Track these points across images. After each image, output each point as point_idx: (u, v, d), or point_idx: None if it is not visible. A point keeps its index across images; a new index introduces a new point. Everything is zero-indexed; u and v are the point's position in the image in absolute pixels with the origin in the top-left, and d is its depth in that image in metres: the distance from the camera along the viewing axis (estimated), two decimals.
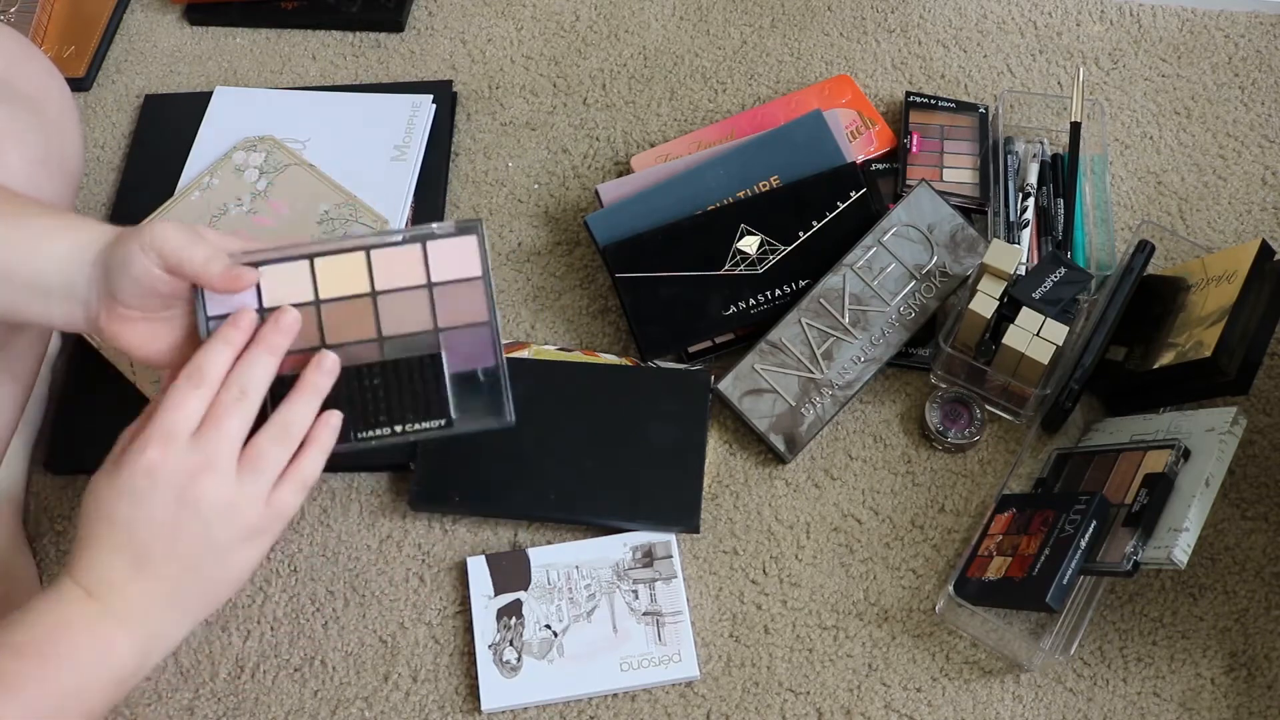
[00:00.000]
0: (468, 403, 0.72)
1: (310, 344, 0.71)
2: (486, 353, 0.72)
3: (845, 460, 0.91)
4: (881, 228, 0.93)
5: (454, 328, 0.72)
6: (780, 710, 0.82)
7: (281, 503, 0.67)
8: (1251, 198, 1.02)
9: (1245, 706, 0.81)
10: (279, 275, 0.70)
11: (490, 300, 0.72)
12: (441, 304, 0.72)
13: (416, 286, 0.72)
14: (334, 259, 0.71)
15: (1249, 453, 0.90)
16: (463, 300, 0.72)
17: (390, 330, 0.71)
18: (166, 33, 1.18)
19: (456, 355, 0.72)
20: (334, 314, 0.71)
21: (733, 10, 1.15)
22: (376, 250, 0.72)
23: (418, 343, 0.72)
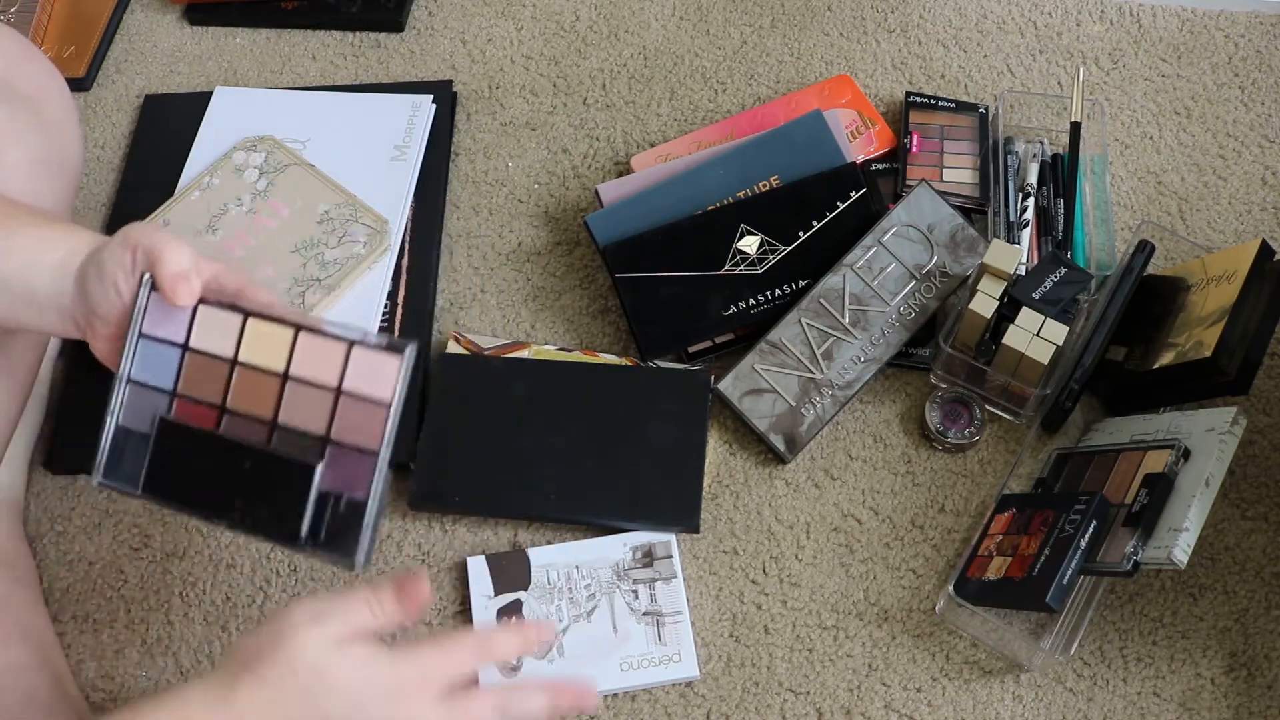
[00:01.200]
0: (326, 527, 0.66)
1: (212, 399, 0.68)
2: (361, 483, 0.65)
3: (845, 460, 0.91)
4: (881, 228, 0.93)
5: (343, 444, 0.66)
6: (780, 710, 0.82)
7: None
8: (1251, 198, 1.02)
9: (1245, 706, 0.81)
10: (213, 320, 0.68)
11: (387, 432, 0.65)
12: (341, 415, 0.66)
13: (325, 387, 0.67)
14: (265, 325, 0.68)
15: (1249, 453, 0.90)
16: (362, 420, 0.66)
17: (286, 419, 0.67)
18: (166, 33, 1.18)
19: (334, 474, 0.66)
20: (244, 380, 0.68)
21: (733, 10, 1.15)
22: (306, 333, 0.67)
23: (304, 444, 0.66)
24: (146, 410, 0.69)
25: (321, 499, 0.66)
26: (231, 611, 0.87)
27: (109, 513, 0.92)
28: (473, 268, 1.02)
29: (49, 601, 0.88)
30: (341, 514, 0.66)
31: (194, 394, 0.68)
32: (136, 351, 0.68)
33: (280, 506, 0.66)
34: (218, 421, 0.68)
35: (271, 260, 0.97)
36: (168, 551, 0.90)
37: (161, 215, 1.00)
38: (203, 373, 0.68)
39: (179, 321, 0.68)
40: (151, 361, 0.69)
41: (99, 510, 0.92)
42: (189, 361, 0.68)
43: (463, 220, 1.04)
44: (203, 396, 0.68)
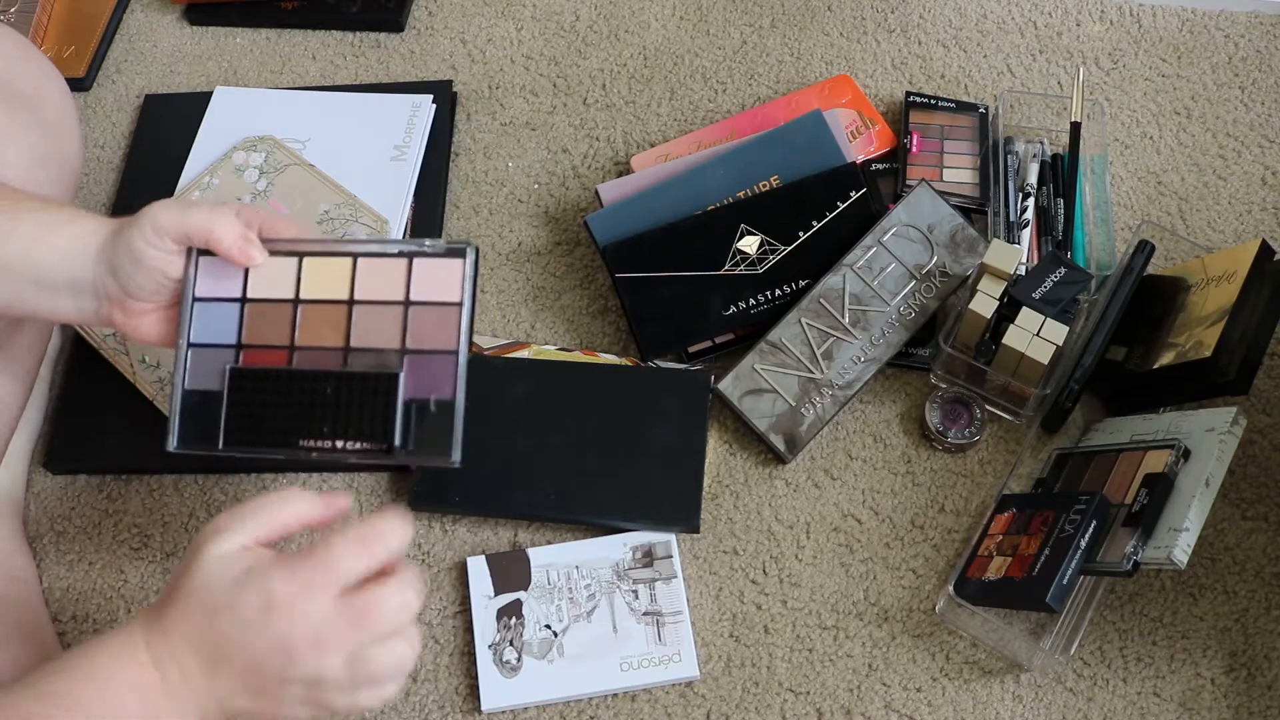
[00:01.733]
0: (416, 433, 0.68)
1: (279, 342, 0.69)
2: (446, 384, 0.68)
3: (845, 460, 0.91)
4: (881, 228, 0.93)
5: (420, 351, 0.69)
6: (780, 710, 0.82)
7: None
8: (1251, 198, 1.02)
9: (1245, 706, 0.81)
10: (266, 267, 0.69)
11: (463, 330, 0.68)
12: (414, 325, 0.69)
13: (393, 302, 0.69)
14: (322, 260, 0.70)
15: (1249, 453, 0.90)
16: (435, 325, 0.69)
17: (358, 342, 0.69)
18: (166, 33, 1.18)
19: (416, 381, 0.68)
20: (309, 315, 0.69)
21: (733, 10, 1.15)
22: (365, 259, 0.70)
23: (381, 360, 0.69)
24: (214, 368, 0.70)
25: (408, 405, 0.68)
26: None
27: (109, 513, 0.92)
28: None
29: (49, 601, 0.88)
30: (432, 415, 0.68)
31: (260, 340, 0.69)
32: (193, 316, 0.69)
33: (369, 421, 0.68)
34: (289, 359, 0.69)
35: None
36: (168, 551, 0.90)
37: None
38: (266, 319, 0.70)
39: (233, 278, 0.69)
40: (211, 322, 0.70)
41: (99, 510, 0.92)
42: (249, 312, 0.70)
43: (463, 220, 1.04)
44: (270, 341, 0.69)
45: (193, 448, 0.70)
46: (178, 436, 0.71)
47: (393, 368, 0.68)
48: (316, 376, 0.69)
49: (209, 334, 0.70)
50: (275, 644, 0.58)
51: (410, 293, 0.69)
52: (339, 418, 0.68)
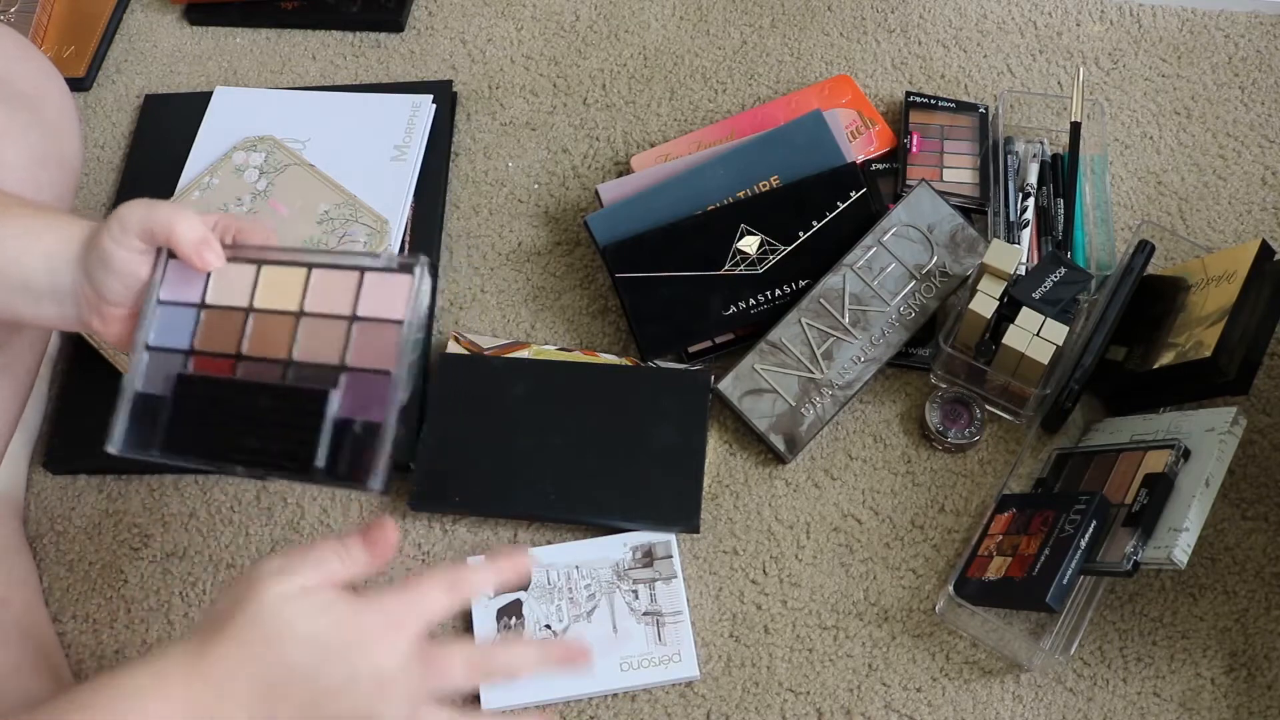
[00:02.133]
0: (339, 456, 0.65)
1: (228, 350, 0.68)
2: (378, 406, 0.64)
3: (845, 460, 0.91)
4: (881, 228, 0.93)
5: (359, 369, 0.66)
6: (780, 710, 0.82)
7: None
8: (1251, 198, 1.02)
9: (1245, 706, 0.81)
10: (227, 274, 0.68)
11: (402, 351, 0.65)
12: (356, 341, 0.66)
13: (339, 316, 0.67)
14: (279, 270, 0.68)
15: (1249, 453, 0.90)
16: (376, 342, 0.66)
17: (300, 355, 0.67)
18: (166, 33, 1.18)
19: (351, 400, 0.65)
20: (258, 325, 0.68)
21: (733, 10, 1.15)
22: (319, 269, 0.68)
23: (319, 377, 0.66)
24: (165, 373, 0.69)
25: (338, 425, 0.65)
26: None
27: (109, 513, 0.92)
28: (473, 268, 1.02)
29: (49, 601, 0.88)
30: (359, 437, 0.65)
31: (210, 348, 0.68)
32: (156, 318, 0.68)
33: (295, 438, 0.65)
34: (233, 369, 0.68)
35: None
36: (168, 551, 0.90)
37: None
38: (218, 326, 0.68)
39: (195, 283, 0.68)
40: (169, 325, 0.69)
41: (99, 510, 0.92)
42: (205, 318, 0.68)
43: (463, 220, 1.04)
44: (218, 349, 0.68)
45: (132, 451, 0.69)
46: (121, 439, 0.69)
47: (325, 386, 0.65)
48: (254, 388, 0.67)
49: (166, 338, 0.69)
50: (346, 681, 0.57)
51: (357, 307, 0.67)
52: (266, 435, 0.66)
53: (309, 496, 0.91)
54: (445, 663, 0.60)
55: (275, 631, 0.57)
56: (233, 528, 0.90)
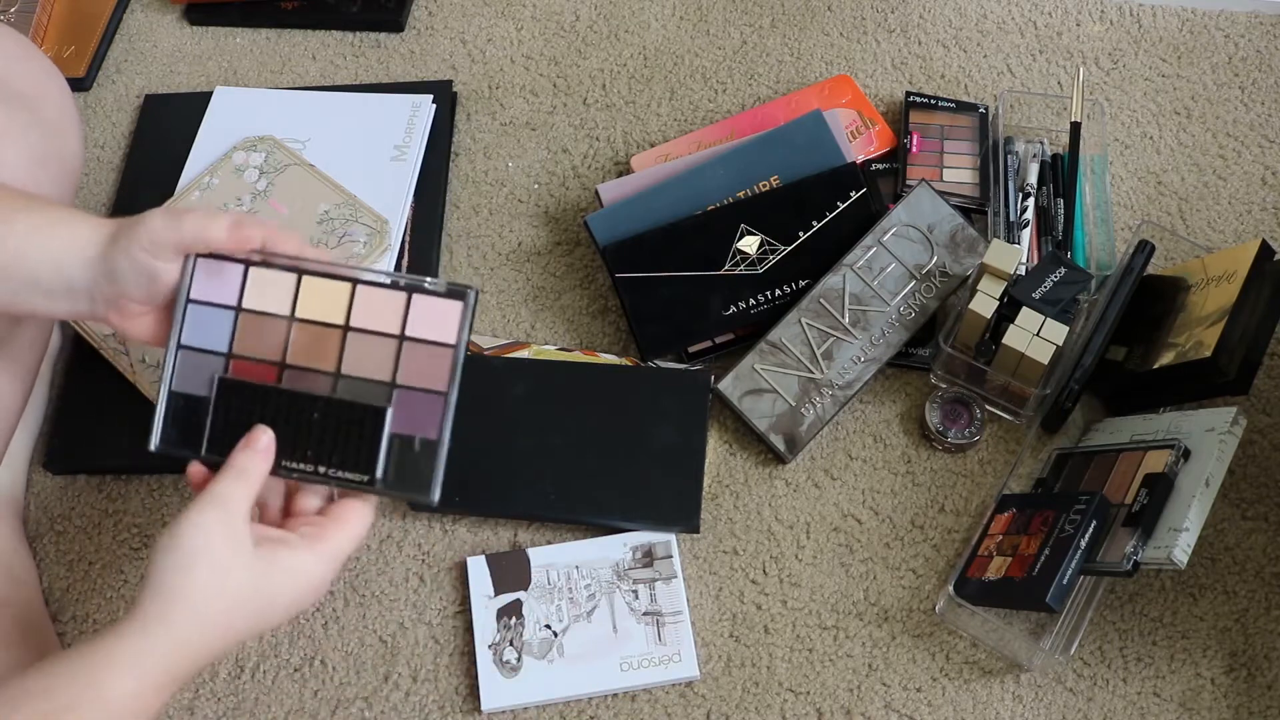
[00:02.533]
0: (397, 468, 0.68)
1: (271, 357, 0.69)
2: (433, 424, 0.68)
3: (845, 460, 0.91)
4: (881, 228, 0.93)
5: (410, 388, 0.69)
6: (780, 710, 0.82)
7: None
8: (1251, 198, 1.02)
9: (1245, 706, 0.81)
10: (264, 280, 0.69)
11: (455, 373, 0.68)
12: (406, 360, 0.69)
13: (388, 335, 0.69)
14: (321, 282, 0.69)
15: (1249, 453, 0.90)
16: (428, 363, 0.69)
17: (349, 369, 0.69)
18: (166, 33, 1.18)
19: (403, 416, 0.69)
20: (302, 335, 0.69)
21: (733, 10, 1.15)
22: (364, 286, 0.69)
23: (370, 391, 0.69)
24: (202, 373, 0.70)
25: (393, 439, 0.68)
26: None
27: (109, 513, 0.92)
28: (473, 268, 1.02)
29: (49, 601, 0.88)
30: (415, 453, 0.68)
31: (250, 353, 0.69)
32: (186, 318, 0.69)
33: (354, 451, 0.68)
34: (278, 377, 0.69)
35: None
36: None
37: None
38: (258, 331, 0.69)
39: (229, 285, 0.69)
40: (203, 326, 0.69)
41: (99, 510, 0.92)
42: (243, 322, 0.69)
43: (463, 220, 1.04)
44: (260, 355, 0.69)
45: (174, 450, 0.70)
46: (160, 437, 0.70)
47: (381, 400, 0.68)
48: (306, 399, 0.69)
49: (200, 338, 0.69)
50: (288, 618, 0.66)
51: (406, 328, 0.69)
52: (324, 443, 0.68)
53: None
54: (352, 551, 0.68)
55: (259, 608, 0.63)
56: None
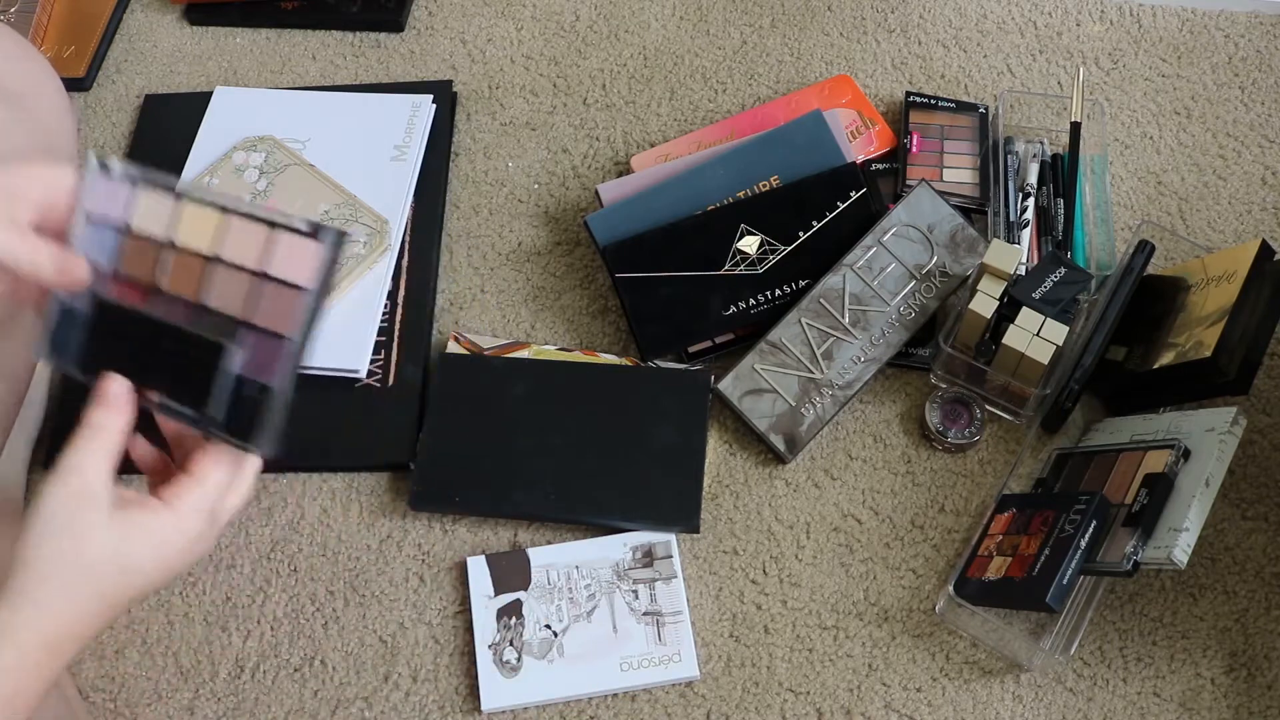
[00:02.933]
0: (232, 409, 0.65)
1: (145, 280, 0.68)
2: (275, 369, 0.65)
3: (845, 460, 0.91)
4: (881, 228, 0.93)
5: (258, 328, 0.65)
6: (780, 710, 0.82)
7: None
8: (1251, 198, 1.02)
9: (1245, 706, 0.81)
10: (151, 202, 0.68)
11: (307, 319, 0.64)
12: (262, 299, 0.66)
13: (249, 270, 0.66)
14: (198, 208, 0.67)
15: (1249, 453, 0.90)
16: (281, 305, 0.65)
17: (207, 299, 0.66)
18: (166, 33, 1.18)
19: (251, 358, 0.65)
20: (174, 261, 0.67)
21: (733, 10, 1.15)
22: (236, 217, 0.67)
23: (221, 326, 0.66)
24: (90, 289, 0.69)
25: (236, 382, 0.65)
26: (231, 611, 0.87)
27: None
28: (473, 268, 1.02)
29: None
30: (253, 398, 0.65)
31: (130, 273, 0.68)
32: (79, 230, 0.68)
33: (193, 384, 0.66)
34: (145, 300, 0.68)
35: None
36: None
37: None
38: (139, 254, 0.68)
39: (119, 202, 0.68)
40: (94, 241, 0.68)
41: None
42: (128, 243, 0.68)
43: (463, 220, 1.04)
44: (137, 276, 0.68)
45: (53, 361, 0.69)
46: (47, 347, 0.69)
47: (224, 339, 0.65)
48: (161, 326, 0.67)
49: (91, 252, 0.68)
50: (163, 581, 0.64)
51: (266, 264, 0.65)
52: (166, 373, 0.67)
53: (309, 497, 0.91)
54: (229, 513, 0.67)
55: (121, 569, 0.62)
56: (232, 528, 0.90)
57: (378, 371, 0.94)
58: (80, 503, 0.62)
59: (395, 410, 0.92)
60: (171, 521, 0.63)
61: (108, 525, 0.62)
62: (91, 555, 0.62)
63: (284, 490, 0.92)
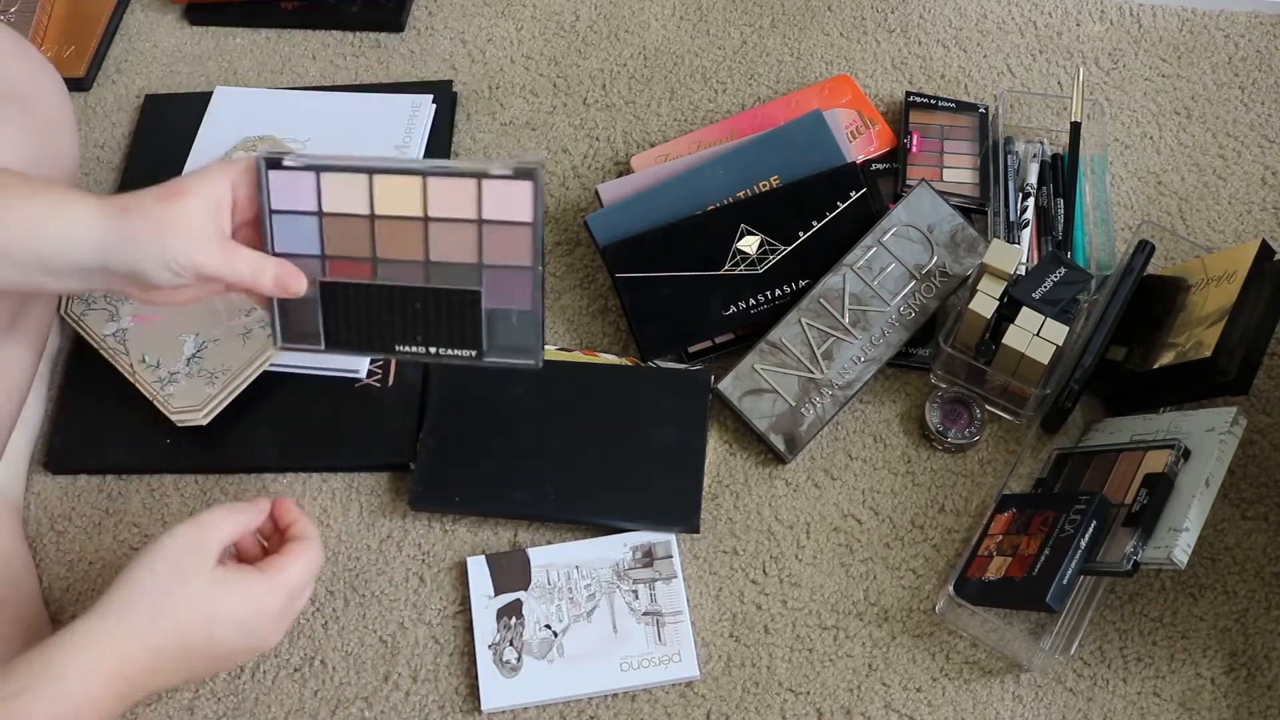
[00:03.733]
0: (500, 340, 0.75)
1: (363, 254, 0.74)
2: (525, 296, 0.74)
3: (845, 460, 0.91)
4: (881, 228, 0.93)
5: (497, 266, 0.74)
6: (780, 710, 0.82)
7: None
8: (1251, 198, 1.02)
9: (1245, 706, 0.81)
10: (338, 184, 0.73)
11: (537, 247, 0.73)
12: (489, 241, 0.73)
13: (466, 220, 0.73)
14: (391, 179, 0.73)
15: (1249, 453, 0.90)
16: (509, 242, 0.73)
17: (437, 256, 0.74)
18: (166, 33, 1.18)
19: (496, 293, 0.74)
20: (386, 230, 0.74)
21: (733, 10, 1.15)
22: (433, 178, 0.73)
23: (460, 274, 0.74)
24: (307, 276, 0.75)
25: (491, 315, 0.75)
26: None
27: (109, 512, 0.92)
28: None
29: (49, 601, 0.88)
30: (514, 325, 0.76)
31: (343, 252, 0.74)
32: (273, 228, 0.74)
33: (459, 331, 0.76)
34: (373, 271, 0.75)
35: None
36: None
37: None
38: (345, 232, 0.74)
39: (305, 192, 0.73)
40: (291, 233, 0.74)
41: (99, 510, 0.92)
42: (328, 225, 0.74)
43: None
44: (352, 253, 0.74)
45: (296, 345, 0.77)
46: (281, 334, 0.77)
47: (473, 283, 0.74)
48: (405, 291, 0.75)
49: (292, 244, 0.74)
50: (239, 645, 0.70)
51: (482, 211, 0.73)
52: (430, 328, 0.76)
53: (309, 498, 0.91)
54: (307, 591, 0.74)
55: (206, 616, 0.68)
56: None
57: (378, 371, 0.94)
58: (193, 548, 0.69)
59: (395, 410, 0.92)
60: (263, 586, 0.70)
61: (209, 574, 0.68)
62: (185, 593, 0.67)
63: (284, 490, 0.92)
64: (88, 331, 0.94)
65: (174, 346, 0.92)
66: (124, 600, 0.66)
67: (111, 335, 0.94)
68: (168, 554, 0.68)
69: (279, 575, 0.70)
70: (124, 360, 0.93)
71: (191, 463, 0.92)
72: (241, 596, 0.69)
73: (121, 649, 0.64)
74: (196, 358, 0.91)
